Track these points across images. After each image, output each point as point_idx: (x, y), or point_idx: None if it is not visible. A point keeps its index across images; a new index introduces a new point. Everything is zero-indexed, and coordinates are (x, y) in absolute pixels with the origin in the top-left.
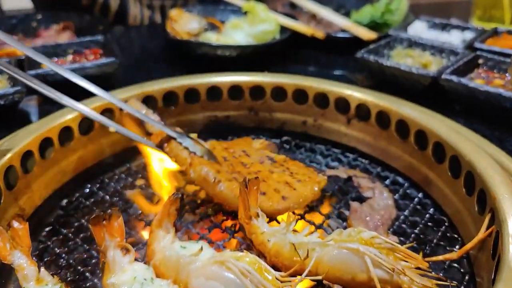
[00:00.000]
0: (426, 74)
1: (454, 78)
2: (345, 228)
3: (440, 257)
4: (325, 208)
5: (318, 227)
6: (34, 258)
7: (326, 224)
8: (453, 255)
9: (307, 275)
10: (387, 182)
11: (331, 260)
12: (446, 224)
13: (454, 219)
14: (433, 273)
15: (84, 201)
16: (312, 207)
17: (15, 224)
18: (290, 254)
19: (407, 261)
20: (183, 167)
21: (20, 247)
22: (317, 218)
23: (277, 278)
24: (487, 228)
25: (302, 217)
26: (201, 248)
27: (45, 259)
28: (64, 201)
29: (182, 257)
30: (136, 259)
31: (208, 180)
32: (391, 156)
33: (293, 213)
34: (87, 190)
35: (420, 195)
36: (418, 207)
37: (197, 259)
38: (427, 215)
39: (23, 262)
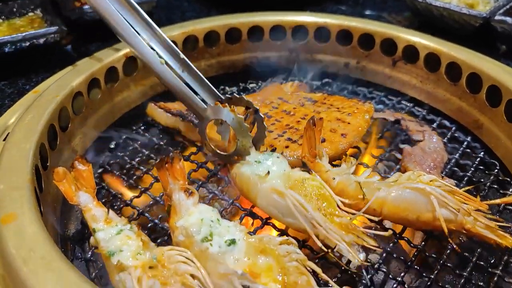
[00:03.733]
0: (478, 15)
1: (509, 19)
2: (398, 170)
3: (498, 200)
4: (376, 151)
5: (372, 169)
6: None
7: (378, 167)
8: (511, 198)
9: (369, 214)
10: (434, 125)
11: (396, 199)
12: (497, 167)
13: (506, 163)
14: (494, 216)
15: (131, 143)
16: (362, 150)
17: (79, 165)
18: (355, 192)
19: (466, 203)
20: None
21: (85, 188)
22: (369, 160)
23: (338, 206)
24: None
25: (355, 158)
26: (268, 172)
27: (103, 201)
28: (112, 143)
29: (254, 179)
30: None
31: None
32: (438, 99)
33: (345, 155)
34: (133, 132)
35: (468, 138)
36: (468, 150)
37: (265, 180)
38: (478, 159)
39: (89, 203)
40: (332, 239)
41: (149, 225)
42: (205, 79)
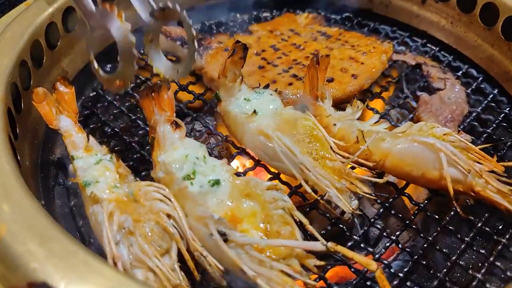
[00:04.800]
0: None
1: None
2: (411, 120)
3: None
4: (389, 96)
5: (382, 116)
6: (80, 124)
7: (391, 114)
8: None
9: (370, 168)
10: (459, 73)
11: (401, 152)
12: None
13: None
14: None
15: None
16: (375, 94)
17: (61, 87)
18: (355, 142)
19: (480, 163)
20: None
21: (66, 112)
22: (381, 106)
23: (332, 149)
24: None
25: (364, 103)
26: (255, 111)
27: (91, 126)
28: (108, 66)
29: (240, 118)
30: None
31: None
32: (468, 45)
33: (356, 98)
34: None
35: (495, 91)
36: (492, 104)
37: (252, 120)
38: (502, 114)
39: (70, 128)
40: (321, 185)
41: (136, 156)
42: None
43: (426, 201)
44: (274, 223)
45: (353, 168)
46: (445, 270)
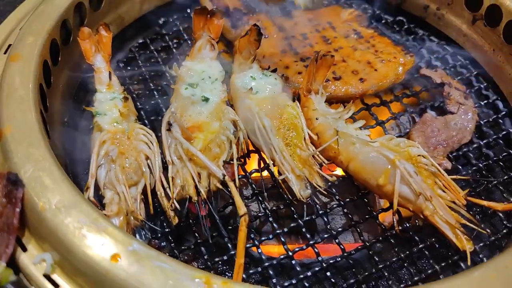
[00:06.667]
0: None
1: None
2: (406, 134)
3: (484, 202)
4: (397, 107)
5: (379, 123)
6: (121, 64)
7: (389, 124)
8: (499, 205)
9: (338, 165)
10: (483, 102)
11: (364, 160)
12: None
13: None
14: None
15: (178, 25)
16: (384, 102)
17: (102, 31)
18: (330, 139)
19: (444, 191)
20: None
21: (102, 52)
22: (384, 114)
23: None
24: None
25: (368, 107)
26: (251, 89)
27: (128, 68)
28: (162, 20)
29: (240, 90)
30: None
31: None
32: (503, 77)
33: (362, 101)
34: (185, 15)
35: None
36: (501, 141)
37: (249, 97)
38: (505, 154)
39: (101, 66)
40: (283, 168)
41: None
42: None
43: (381, 210)
44: (215, 143)
45: (321, 165)
46: (366, 273)
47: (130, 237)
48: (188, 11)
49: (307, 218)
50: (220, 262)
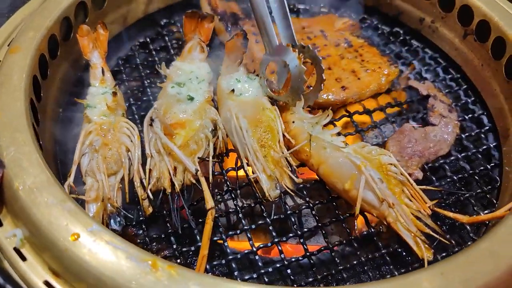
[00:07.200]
0: None
1: None
2: (382, 143)
3: (450, 214)
4: (380, 116)
5: (359, 131)
6: (120, 61)
7: (369, 131)
8: (464, 218)
9: (310, 168)
10: (468, 116)
11: (333, 164)
12: (496, 186)
13: (508, 186)
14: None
15: (178, 26)
16: (367, 110)
17: (100, 29)
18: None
19: (411, 200)
20: None
21: (99, 49)
22: (365, 123)
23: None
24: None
25: (350, 115)
26: (233, 90)
27: (127, 66)
28: (164, 20)
29: (224, 91)
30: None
31: None
32: (489, 92)
33: (346, 110)
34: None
35: (492, 144)
36: (480, 156)
37: (231, 98)
38: (482, 168)
39: (97, 62)
40: (255, 168)
41: (145, 99)
42: (289, 17)
43: (348, 214)
44: (194, 140)
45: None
46: (324, 273)
47: (92, 219)
48: None
49: (275, 217)
50: (189, 252)
